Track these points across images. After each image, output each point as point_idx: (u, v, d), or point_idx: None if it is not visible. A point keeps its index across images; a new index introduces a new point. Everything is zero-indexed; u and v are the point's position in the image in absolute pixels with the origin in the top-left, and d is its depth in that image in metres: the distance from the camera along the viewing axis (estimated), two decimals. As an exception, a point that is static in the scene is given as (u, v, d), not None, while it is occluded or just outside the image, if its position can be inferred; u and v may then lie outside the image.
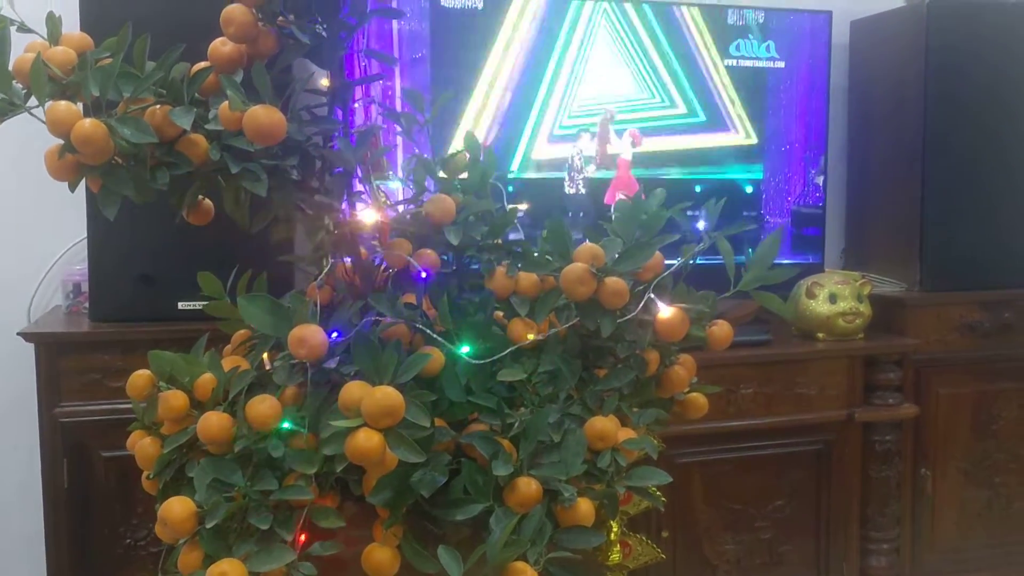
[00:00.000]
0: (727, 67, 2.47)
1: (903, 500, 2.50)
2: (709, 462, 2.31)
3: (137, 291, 1.95)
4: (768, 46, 2.51)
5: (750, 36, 2.49)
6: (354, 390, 0.97)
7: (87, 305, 2.04)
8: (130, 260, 1.94)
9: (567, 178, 2.38)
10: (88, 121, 0.95)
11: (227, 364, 1.14)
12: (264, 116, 0.96)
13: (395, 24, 2.16)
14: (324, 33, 1.10)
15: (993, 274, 2.58)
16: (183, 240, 1.62)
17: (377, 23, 2.14)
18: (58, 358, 1.93)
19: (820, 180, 2.58)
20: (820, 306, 2.39)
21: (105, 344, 1.93)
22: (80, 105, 1.02)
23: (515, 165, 2.33)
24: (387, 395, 0.95)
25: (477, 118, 2.27)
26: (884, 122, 2.69)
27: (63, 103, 0.97)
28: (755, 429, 2.32)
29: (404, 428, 0.97)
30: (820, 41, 2.56)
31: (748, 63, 2.50)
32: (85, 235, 2.00)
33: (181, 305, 1.96)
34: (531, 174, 2.35)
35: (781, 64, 2.52)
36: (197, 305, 1.62)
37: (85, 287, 2.08)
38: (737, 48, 2.48)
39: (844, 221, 2.85)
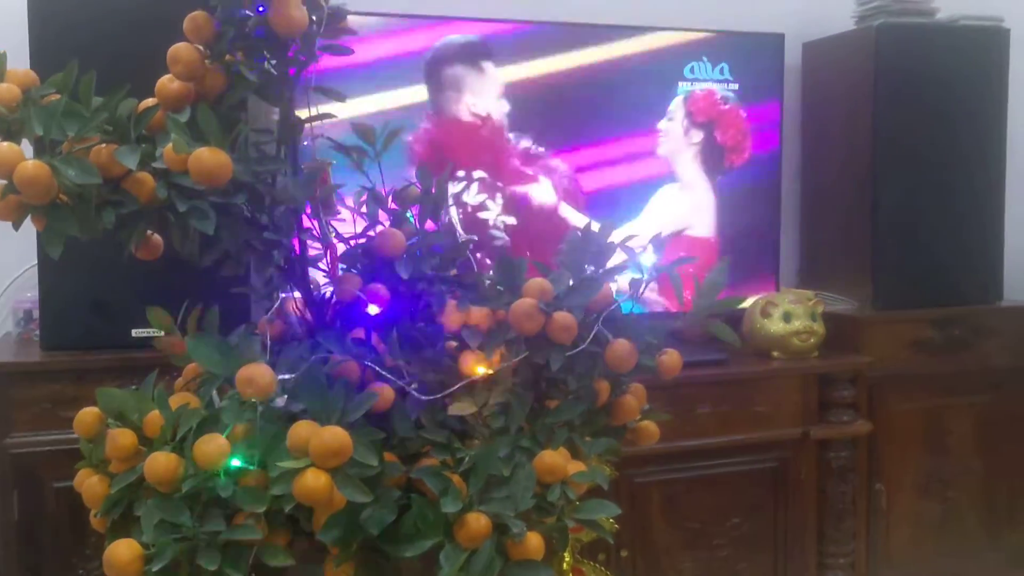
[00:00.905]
0: (681, 89, 2.51)
1: (858, 516, 2.53)
2: (667, 481, 2.33)
3: (90, 318, 1.93)
4: (722, 68, 2.55)
5: (704, 59, 2.53)
6: (302, 430, 0.97)
7: (38, 332, 2.01)
8: (82, 287, 1.92)
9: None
10: (31, 162, 0.95)
11: (176, 401, 1.13)
12: (209, 158, 0.96)
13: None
14: (273, 71, 1.10)
15: (943, 292, 2.63)
16: (136, 266, 1.61)
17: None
18: (8, 387, 1.90)
19: (775, 199, 2.62)
20: (775, 325, 2.42)
21: (57, 373, 1.91)
22: (25, 140, 1.02)
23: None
24: (335, 435, 0.95)
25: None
26: (836, 142, 2.74)
27: (5, 144, 0.96)
28: (712, 448, 2.34)
29: (352, 467, 0.97)
30: (773, 63, 2.60)
31: (702, 85, 2.53)
32: (36, 261, 1.98)
33: (135, 332, 1.94)
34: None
35: (735, 86, 2.56)
36: (151, 333, 1.61)
37: (36, 314, 2.05)
38: (691, 71, 2.51)
39: (799, 240, 2.89)
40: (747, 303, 2.49)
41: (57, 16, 1.88)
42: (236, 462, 1.02)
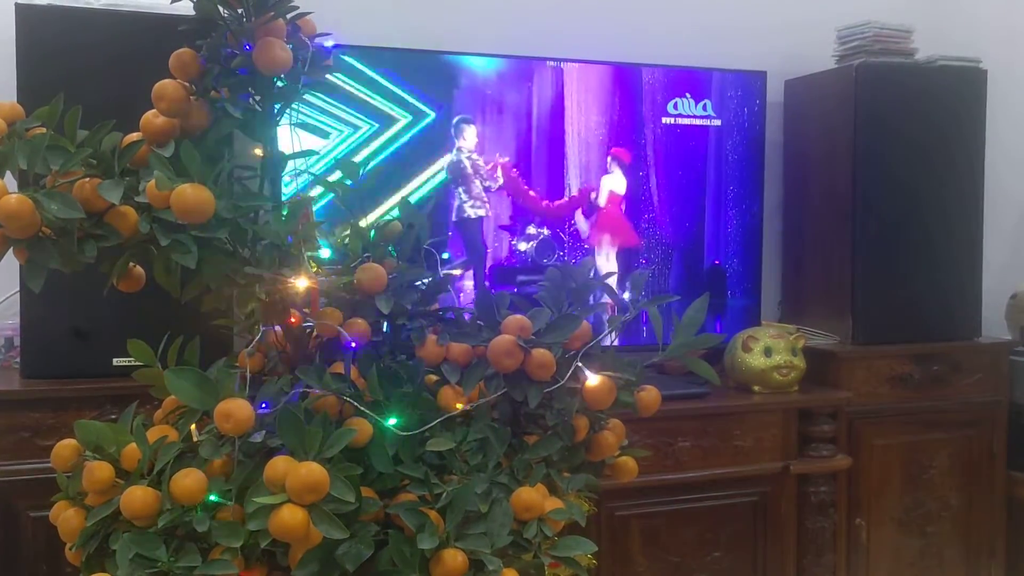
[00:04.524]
0: (665, 125, 2.54)
1: (838, 550, 2.54)
2: (647, 514, 2.33)
3: (71, 347, 1.92)
4: (705, 104, 2.58)
5: (688, 95, 2.56)
6: (279, 466, 0.97)
7: (18, 360, 2.00)
8: (64, 315, 1.91)
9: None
10: (14, 196, 0.95)
11: (154, 434, 1.13)
12: (192, 195, 0.97)
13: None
14: (258, 107, 1.11)
15: (922, 327, 2.65)
16: (119, 295, 1.61)
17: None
18: (-14, 416, 1.89)
19: (756, 233, 2.65)
20: (756, 359, 2.43)
21: (36, 402, 1.89)
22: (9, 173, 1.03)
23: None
24: (311, 471, 0.95)
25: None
26: (817, 178, 2.77)
27: (-12, 178, 0.97)
28: (693, 481, 2.34)
29: (329, 503, 0.97)
30: (756, 100, 2.64)
31: (686, 121, 2.56)
32: (18, 288, 1.97)
33: (116, 361, 1.93)
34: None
35: (718, 122, 2.59)
36: (133, 362, 1.61)
37: (17, 342, 2.04)
38: (675, 107, 2.55)
39: (780, 274, 2.92)
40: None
41: (45, 49, 1.88)
42: (213, 497, 1.02)
